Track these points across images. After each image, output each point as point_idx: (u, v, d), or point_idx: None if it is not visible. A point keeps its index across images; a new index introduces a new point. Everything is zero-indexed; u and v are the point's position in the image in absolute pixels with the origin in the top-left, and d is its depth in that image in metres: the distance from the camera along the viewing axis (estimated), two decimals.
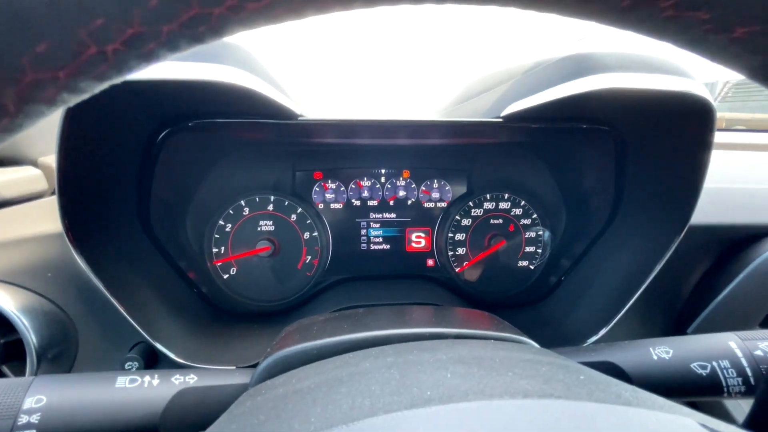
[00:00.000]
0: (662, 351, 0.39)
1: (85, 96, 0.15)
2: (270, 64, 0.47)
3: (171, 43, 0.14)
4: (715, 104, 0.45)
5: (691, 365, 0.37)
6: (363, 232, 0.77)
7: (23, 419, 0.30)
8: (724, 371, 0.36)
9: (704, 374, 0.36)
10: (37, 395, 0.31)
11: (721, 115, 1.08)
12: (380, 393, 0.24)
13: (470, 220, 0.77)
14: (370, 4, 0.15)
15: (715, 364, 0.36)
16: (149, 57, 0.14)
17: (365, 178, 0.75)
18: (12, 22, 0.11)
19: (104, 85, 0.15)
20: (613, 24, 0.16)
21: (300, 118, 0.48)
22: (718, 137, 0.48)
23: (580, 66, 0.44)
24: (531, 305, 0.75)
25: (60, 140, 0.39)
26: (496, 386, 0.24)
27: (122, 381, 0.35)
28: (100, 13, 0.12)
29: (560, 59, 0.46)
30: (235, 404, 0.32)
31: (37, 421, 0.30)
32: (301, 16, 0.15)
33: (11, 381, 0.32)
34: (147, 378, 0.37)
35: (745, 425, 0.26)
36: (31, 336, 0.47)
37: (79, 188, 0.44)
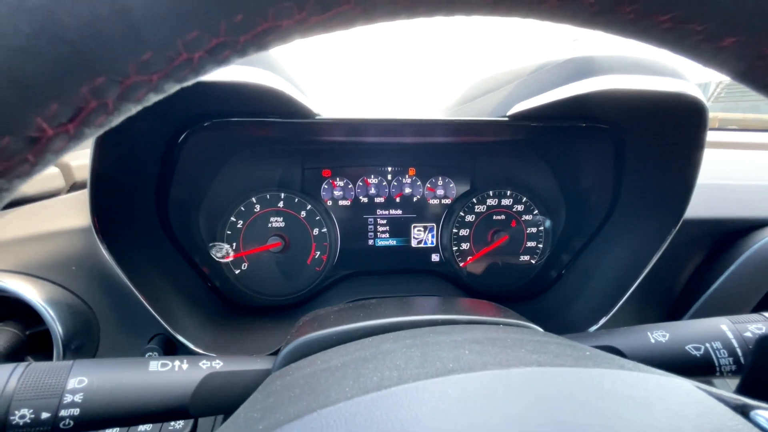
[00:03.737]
0: (659, 335, 0.42)
1: (163, 96, 0.17)
2: (287, 62, 0.49)
3: (242, 51, 0.16)
4: (708, 104, 0.48)
5: (686, 347, 0.40)
6: (370, 228, 0.79)
7: (68, 398, 0.32)
8: (717, 352, 0.38)
9: (698, 355, 0.39)
10: (79, 376, 0.33)
11: (714, 115, 1.12)
12: (405, 367, 0.27)
13: (474, 216, 0.79)
14: (411, 16, 0.18)
15: (708, 345, 0.39)
16: (222, 62, 0.17)
17: (372, 176, 0.78)
18: (127, 35, 0.13)
19: (179, 87, 0.17)
20: (618, 33, 0.19)
21: (317, 117, 0.50)
22: (712, 136, 0.51)
23: (583, 68, 0.47)
24: (533, 298, 0.77)
25: (95, 144, 0.41)
26: (511, 359, 0.26)
27: (154, 365, 0.37)
28: (196, 26, 0.14)
29: (563, 62, 0.49)
30: (265, 384, 0.34)
31: (80, 400, 0.32)
32: (351, 27, 0.18)
33: (54, 364, 0.34)
34: (177, 363, 0.39)
35: (736, 393, 0.28)
36: (57, 327, 0.49)
37: (108, 187, 0.46)
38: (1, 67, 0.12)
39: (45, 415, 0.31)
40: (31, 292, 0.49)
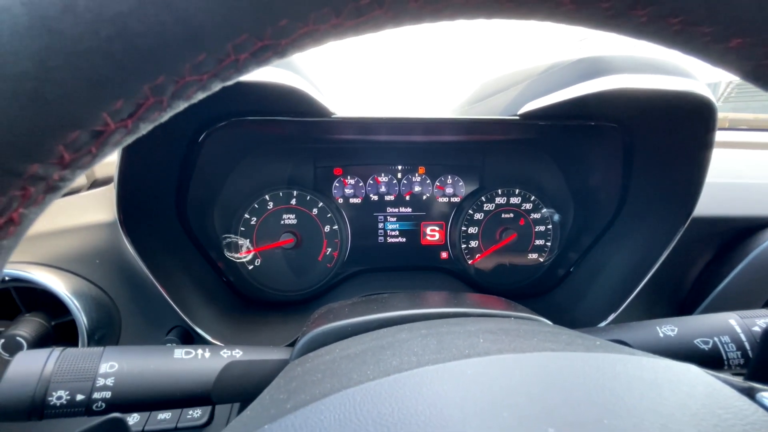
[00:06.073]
0: (668, 329, 0.42)
1: (208, 94, 0.19)
2: (303, 62, 0.50)
3: (283, 53, 0.18)
4: (718, 104, 0.48)
5: (695, 341, 0.40)
6: (380, 225, 0.80)
7: (101, 381, 0.34)
8: (725, 345, 0.39)
9: (706, 349, 0.40)
10: (110, 362, 0.35)
11: (724, 115, 1.11)
12: (423, 353, 0.28)
13: (482, 214, 0.80)
14: (435, 20, 0.19)
15: (716, 339, 0.40)
16: (263, 63, 0.18)
17: (382, 174, 0.79)
18: (186, 39, 0.15)
19: (222, 86, 0.19)
20: (630, 35, 0.20)
21: (333, 116, 0.52)
22: (723, 136, 0.52)
23: (592, 68, 0.47)
24: (541, 295, 0.78)
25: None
26: (525, 346, 0.27)
27: (179, 353, 0.39)
28: (245, 30, 0.16)
29: (573, 62, 0.50)
30: (285, 371, 0.35)
31: (111, 384, 0.34)
32: (380, 30, 0.19)
33: (87, 350, 0.36)
34: (199, 351, 0.40)
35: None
36: (82, 317, 0.51)
37: (133, 185, 0.48)
38: (82, 68, 0.13)
39: (80, 397, 0.33)
40: (58, 284, 0.51)
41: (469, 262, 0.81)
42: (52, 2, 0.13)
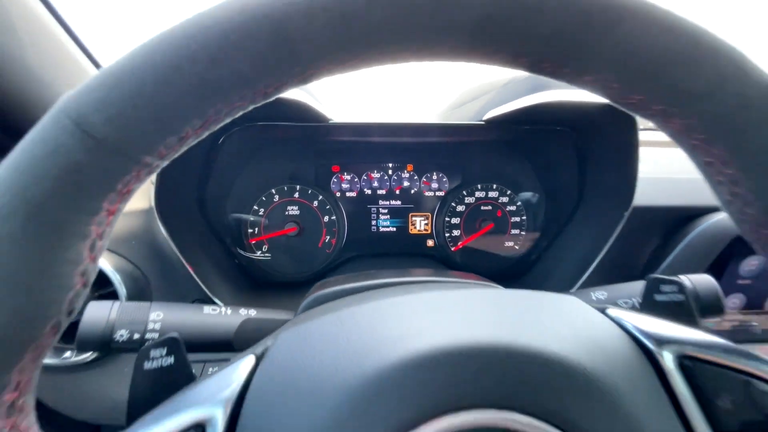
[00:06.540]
0: (600, 294, 0.52)
1: (244, 112, 0.29)
2: None
3: (298, 84, 0.28)
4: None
5: (618, 302, 0.50)
6: (373, 216, 0.91)
7: (151, 326, 0.44)
8: (639, 304, 0.49)
9: (626, 308, 0.50)
10: (156, 311, 0.46)
11: None
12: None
13: (464, 206, 0.90)
14: (419, 59, 0.29)
15: (633, 300, 0.50)
16: (284, 91, 0.28)
17: (375, 171, 0.89)
18: (240, 82, 0.25)
19: (253, 106, 0.29)
20: (533, 73, 0.30)
21: (330, 122, 0.62)
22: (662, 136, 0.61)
23: (538, 82, 0.58)
24: (515, 278, 0.88)
25: None
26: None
27: (207, 309, 0.49)
28: (277, 76, 0.26)
29: (526, 77, 0.60)
30: (291, 320, 0.46)
31: (159, 328, 0.44)
32: (371, 65, 0.29)
33: (138, 303, 0.46)
34: (223, 309, 0.51)
35: None
36: (122, 289, 0.62)
37: (167, 180, 0.58)
38: (180, 102, 0.24)
39: (136, 336, 0.43)
40: (102, 261, 0.62)
41: (452, 248, 0.91)
42: (170, 66, 0.23)
